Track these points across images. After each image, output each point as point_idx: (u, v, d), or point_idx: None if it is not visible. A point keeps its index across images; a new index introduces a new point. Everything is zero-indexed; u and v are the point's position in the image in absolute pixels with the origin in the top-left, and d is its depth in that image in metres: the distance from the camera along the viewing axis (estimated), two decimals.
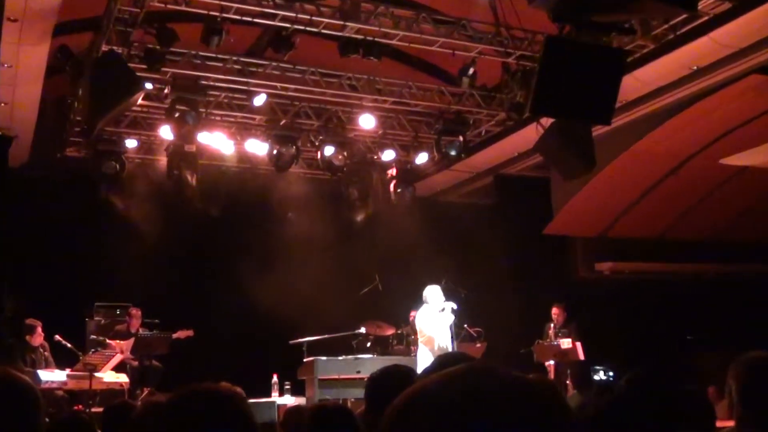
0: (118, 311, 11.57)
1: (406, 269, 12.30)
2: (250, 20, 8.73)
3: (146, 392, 10.29)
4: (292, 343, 11.40)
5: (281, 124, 11.50)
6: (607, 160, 11.33)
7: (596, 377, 12.37)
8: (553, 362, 11.43)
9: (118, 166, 11.32)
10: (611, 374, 12.29)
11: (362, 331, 11.75)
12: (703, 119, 10.93)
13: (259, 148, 11.69)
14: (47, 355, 10.29)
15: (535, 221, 13.43)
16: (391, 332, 12.02)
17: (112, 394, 9.86)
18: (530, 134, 9.80)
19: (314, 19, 8.65)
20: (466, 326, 11.37)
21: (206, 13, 8.51)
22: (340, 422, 3.39)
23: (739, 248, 14.26)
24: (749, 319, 12.51)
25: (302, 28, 8.83)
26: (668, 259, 14.41)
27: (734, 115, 10.92)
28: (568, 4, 6.61)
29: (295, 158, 11.66)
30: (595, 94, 7.93)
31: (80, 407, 9.61)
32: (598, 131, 9.87)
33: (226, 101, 11.12)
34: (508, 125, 11.63)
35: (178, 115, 10.25)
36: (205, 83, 10.33)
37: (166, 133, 11.15)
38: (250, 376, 9.51)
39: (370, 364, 10.56)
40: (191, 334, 11.07)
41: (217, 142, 11.56)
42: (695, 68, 9.42)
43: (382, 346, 12.02)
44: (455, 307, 10.39)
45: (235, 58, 10.00)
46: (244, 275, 11.31)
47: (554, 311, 11.84)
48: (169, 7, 8.29)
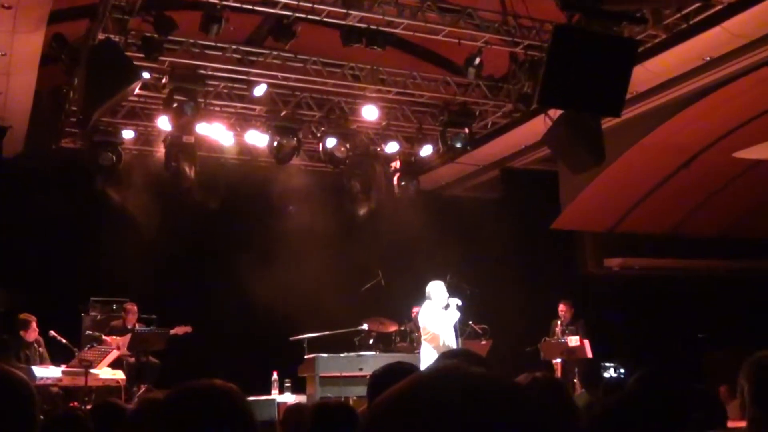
0: (114, 306, 11.52)
1: (409, 265, 12.21)
2: (250, 8, 8.73)
3: (143, 389, 10.20)
4: (292, 339, 11.30)
5: (282, 114, 11.48)
6: (616, 153, 11.25)
7: (606, 375, 12.34)
8: (560, 360, 11.36)
9: (114, 157, 11.25)
10: (622, 371, 12.25)
11: (364, 327, 11.69)
12: (715, 111, 10.86)
13: (259, 139, 11.66)
14: (42, 350, 10.21)
15: (542, 216, 13.34)
16: (393, 329, 11.96)
17: (108, 390, 9.79)
18: (538, 126, 9.81)
19: (316, 6, 8.64)
20: (471, 323, 11.36)
21: (205, 0, 8.49)
22: (342, 420, 3.42)
23: (751, 244, 14.19)
24: (762, 316, 12.37)
25: (304, 16, 8.82)
26: (679, 255, 14.33)
27: (747, 107, 10.84)
28: None
29: (296, 150, 11.63)
30: (604, 85, 7.96)
31: (76, 404, 9.55)
32: (607, 123, 9.83)
33: (225, 91, 11.12)
34: (515, 117, 11.59)
35: (176, 105, 10.26)
36: (203, 72, 10.34)
37: (163, 123, 11.09)
38: (249, 373, 9.56)
39: (372, 361, 10.47)
40: (189, 330, 10.96)
41: (216, 133, 11.52)
42: (708, 59, 9.41)
43: (384, 343, 11.98)
44: (460, 303, 10.26)
45: (234, 47, 9.99)
46: (243, 270, 11.25)
47: (561, 308, 11.75)
48: None
